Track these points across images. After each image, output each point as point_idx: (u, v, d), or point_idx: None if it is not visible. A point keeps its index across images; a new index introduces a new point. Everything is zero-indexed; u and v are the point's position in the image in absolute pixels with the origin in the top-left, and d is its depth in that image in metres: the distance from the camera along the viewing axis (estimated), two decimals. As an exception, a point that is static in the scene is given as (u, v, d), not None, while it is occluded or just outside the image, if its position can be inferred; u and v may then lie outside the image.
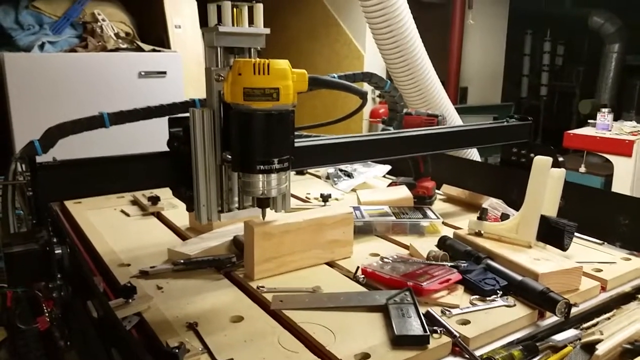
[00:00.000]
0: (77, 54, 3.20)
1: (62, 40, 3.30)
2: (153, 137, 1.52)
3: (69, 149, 1.13)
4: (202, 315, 0.98)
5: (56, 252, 0.88)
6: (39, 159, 0.96)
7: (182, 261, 1.18)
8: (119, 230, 1.46)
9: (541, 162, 1.24)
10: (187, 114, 1.02)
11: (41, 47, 3.18)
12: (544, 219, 1.24)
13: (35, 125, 3.23)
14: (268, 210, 1.03)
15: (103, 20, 3.37)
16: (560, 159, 1.58)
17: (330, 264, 1.24)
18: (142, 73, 3.28)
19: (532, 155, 1.70)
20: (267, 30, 0.99)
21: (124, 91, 3.21)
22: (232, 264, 1.19)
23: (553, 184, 1.29)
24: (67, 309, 0.87)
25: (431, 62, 2.04)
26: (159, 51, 3.40)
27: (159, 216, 1.59)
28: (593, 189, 1.61)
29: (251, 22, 1.00)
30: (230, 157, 0.97)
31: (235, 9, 0.97)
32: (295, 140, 1.03)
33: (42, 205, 0.93)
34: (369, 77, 1.41)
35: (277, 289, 1.09)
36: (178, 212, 1.59)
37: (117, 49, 3.28)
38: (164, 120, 1.06)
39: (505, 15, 5.83)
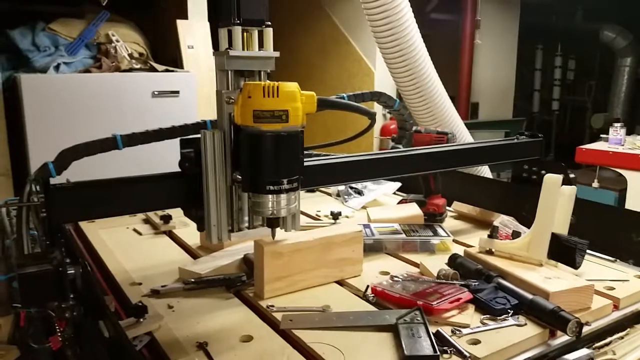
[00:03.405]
0: (92, 74, 3.26)
1: (77, 61, 3.37)
2: (157, 156, 1.54)
3: (78, 168, 1.14)
4: (212, 335, 0.98)
5: (69, 272, 0.89)
6: (53, 180, 0.99)
7: (192, 280, 1.19)
8: (131, 248, 1.47)
9: (552, 180, 1.24)
10: (198, 135, 1.04)
11: (56, 68, 3.24)
12: (555, 237, 1.24)
13: (51, 146, 3.28)
14: (278, 229, 1.04)
15: (117, 41, 3.44)
16: (572, 175, 1.58)
17: (340, 283, 1.24)
18: (156, 93, 3.33)
19: (543, 172, 1.70)
20: (277, 54, 1.01)
21: (138, 111, 3.26)
22: (242, 282, 1.20)
23: (564, 202, 1.29)
24: (79, 329, 0.88)
25: (441, 79, 2.05)
26: (172, 71, 3.45)
27: (171, 235, 1.61)
28: (605, 206, 1.60)
29: (261, 45, 1.02)
30: (240, 177, 0.99)
31: (245, 33, 0.99)
32: (305, 159, 1.04)
33: (55, 226, 0.95)
34: (378, 96, 1.42)
35: (287, 308, 1.09)
36: (189, 231, 1.60)
37: (130, 69, 3.34)
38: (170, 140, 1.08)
39: (516, 30, 5.84)
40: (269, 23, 0.99)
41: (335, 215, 1.67)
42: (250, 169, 0.94)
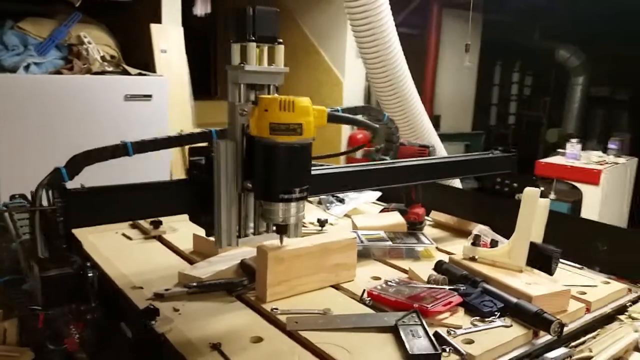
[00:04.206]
0: (63, 76, 3.21)
1: (47, 61, 3.32)
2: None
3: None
4: (223, 336, 1.02)
5: (89, 275, 0.92)
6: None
7: (195, 284, 1.23)
8: (125, 253, 1.49)
9: (531, 192, 1.34)
10: (203, 144, 1.09)
11: (26, 68, 3.18)
12: (533, 246, 1.34)
13: (20, 146, 3.20)
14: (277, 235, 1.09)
15: (89, 42, 3.40)
16: (542, 188, 1.70)
17: (336, 287, 1.30)
18: (128, 96, 3.31)
19: (515, 184, 1.82)
20: (287, 69, 1.07)
21: (110, 114, 3.24)
22: (243, 287, 1.24)
23: (540, 213, 1.39)
24: (101, 331, 0.91)
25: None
26: (145, 75, 3.44)
27: (161, 240, 1.63)
28: (572, 217, 1.72)
29: (271, 61, 1.07)
30: (250, 185, 1.04)
31: (257, 49, 1.04)
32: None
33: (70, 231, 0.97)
34: (368, 110, 1.50)
35: (290, 310, 1.14)
36: (179, 236, 1.63)
37: (103, 72, 3.31)
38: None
39: (477, 46, 6.08)
40: (281, 40, 1.05)
41: (322, 223, 1.73)
42: (264, 178, 0.99)
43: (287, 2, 5.12)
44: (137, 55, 3.96)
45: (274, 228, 1.12)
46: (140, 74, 3.41)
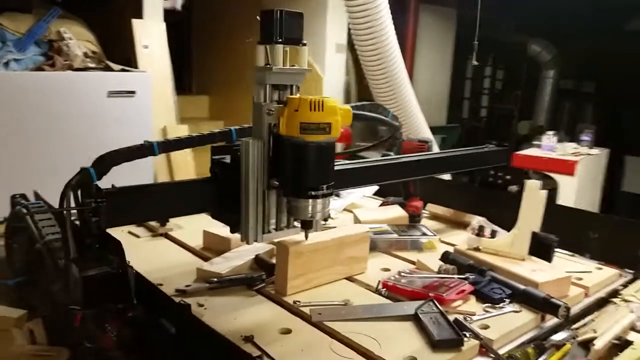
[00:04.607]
0: (45, 72, 3.16)
1: (27, 58, 3.25)
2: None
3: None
4: (253, 329, 1.06)
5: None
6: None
7: (215, 280, 1.26)
8: (135, 251, 1.49)
9: (533, 185, 1.41)
10: (222, 143, 1.12)
11: (6, 65, 3.12)
12: (534, 235, 1.42)
13: (1, 144, 3.12)
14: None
15: (70, 38, 3.35)
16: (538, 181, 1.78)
17: (349, 279, 1.35)
18: (112, 92, 3.27)
19: (507, 177, 1.91)
20: (310, 69, 1.10)
21: (93, 110, 3.20)
22: (262, 281, 1.28)
23: (539, 204, 1.47)
24: (142, 328, 0.93)
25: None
26: (128, 71, 3.41)
27: (168, 237, 1.64)
28: (564, 207, 1.81)
29: (293, 61, 1.10)
30: (276, 183, 1.07)
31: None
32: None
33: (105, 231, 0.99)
34: (376, 108, 1.55)
35: (312, 302, 1.19)
36: (185, 233, 1.65)
37: (85, 68, 3.26)
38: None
39: (452, 41, 6.20)
40: (305, 42, 1.09)
41: (326, 217, 1.77)
42: (294, 176, 1.03)
43: (265, -4, 5.12)
44: (116, 50, 3.91)
45: (294, 224, 1.16)
46: (123, 70, 3.38)
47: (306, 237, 1.14)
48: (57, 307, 1.05)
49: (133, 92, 3.37)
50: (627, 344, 1.14)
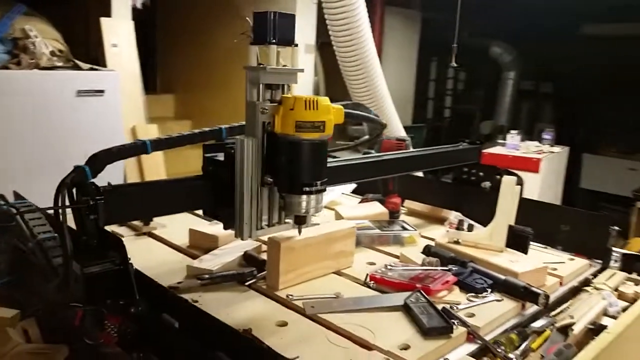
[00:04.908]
0: (11, 71, 3.07)
1: (-10, 56, 3.16)
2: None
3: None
4: (249, 323, 1.08)
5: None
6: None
7: (207, 276, 1.27)
8: (121, 250, 1.50)
9: (509, 180, 1.48)
10: (211, 142, 1.14)
11: (-31, 63, 3.02)
12: (511, 228, 1.49)
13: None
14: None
15: (35, 36, 3.27)
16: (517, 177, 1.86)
17: (338, 273, 1.39)
18: (80, 92, 3.21)
19: (480, 174, 1.98)
20: (303, 69, 1.13)
21: (61, 110, 3.14)
22: (253, 277, 1.30)
23: (514, 198, 1.54)
24: (146, 323, 0.94)
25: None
26: (97, 70, 3.35)
27: (152, 236, 1.64)
28: (535, 201, 1.90)
29: (284, 61, 1.13)
30: (270, 180, 1.10)
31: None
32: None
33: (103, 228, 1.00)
34: (358, 107, 1.59)
35: (304, 296, 1.22)
36: (169, 232, 1.65)
37: (52, 67, 3.19)
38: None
39: (417, 43, 6.33)
40: (297, 43, 1.12)
41: (308, 214, 1.80)
42: (289, 173, 1.06)
43: (233, -5, 5.10)
44: (82, 49, 3.84)
45: (286, 220, 1.19)
46: (92, 69, 3.32)
47: (299, 232, 1.16)
48: (52, 305, 1.05)
49: (102, 92, 3.32)
50: (601, 328, 1.22)
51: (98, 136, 3.21)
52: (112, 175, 1.06)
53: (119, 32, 3.60)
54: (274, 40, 1.07)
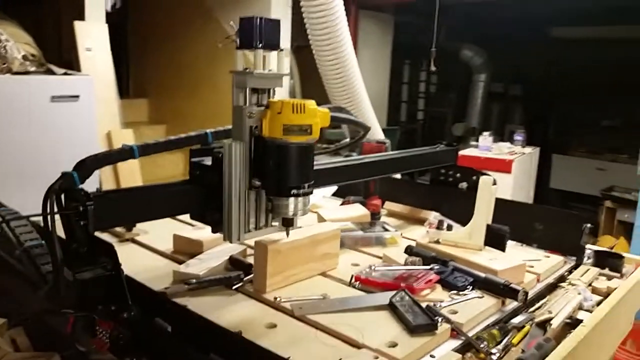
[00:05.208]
0: (-19, 76, 3.00)
1: (-41, 60, 3.08)
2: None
3: None
4: (239, 326, 1.10)
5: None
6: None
7: (194, 281, 1.28)
8: (104, 256, 1.49)
9: (487, 181, 1.53)
10: (198, 146, 1.15)
11: (-64, 68, 2.95)
12: (489, 227, 1.53)
13: None
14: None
15: (7, 40, 3.20)
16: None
17: (323, 275, 1.41)
18: (54, 97, 3.16)
19: (457, 175, 2.03)
20: (288, 73, 1.15)
21: (35, 116, 3.09)
22: (240, 280, 1.31)
23: (491, 198, 1.59)
24: (138, 328, 0.95)
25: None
26: (71, 74, 3.30)
27: (135, 242, 1.64)
28: (511, 201, 1.95)
29: (270, 66, 1.15)
30: (258, 183, 1.11)
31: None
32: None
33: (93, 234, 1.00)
34: (340, 110, 1.61)
35: (292, 298, 1.24)
36: (152, 238, 1.65)
37: (25, 72, 3.13)
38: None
39: (390, 46, 6.40)
40: (283, 47, 1.14)
41: (290, 217, 1.82)
42: (277, 176, 1.08)
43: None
44: (55, 53, 3.78)
45: (273, 223, 1.21)
46: (66, 74, 3.27)
47: (287, 234, 1.18)
48: (41, 313, 1.04)
49: (77, 97, 3.27)
50: (577, 322, 1.27)
51: (73, 142, 3.17)
52: (87, 182, 1.05)
53: (93, 36, 3.56)
54: (261, 45, 1.09)
